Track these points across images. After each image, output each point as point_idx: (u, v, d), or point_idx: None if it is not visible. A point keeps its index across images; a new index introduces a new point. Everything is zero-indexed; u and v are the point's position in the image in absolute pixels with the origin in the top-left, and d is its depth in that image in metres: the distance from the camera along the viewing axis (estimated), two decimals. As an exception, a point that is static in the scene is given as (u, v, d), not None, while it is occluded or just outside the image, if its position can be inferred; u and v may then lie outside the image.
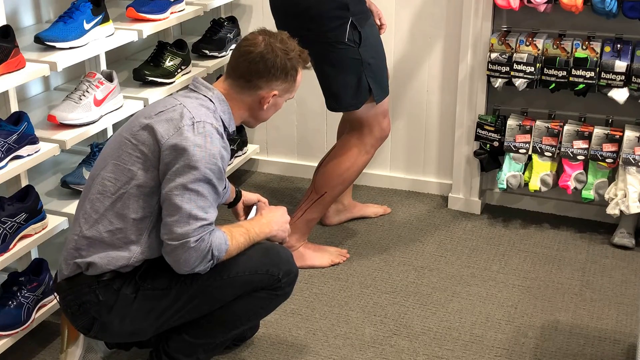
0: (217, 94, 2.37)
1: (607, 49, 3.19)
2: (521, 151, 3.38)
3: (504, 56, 3.30)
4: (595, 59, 3.19)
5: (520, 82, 3.30)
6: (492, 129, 3.43)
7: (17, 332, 2.55)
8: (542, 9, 3.20)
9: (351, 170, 3.15)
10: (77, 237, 2.30)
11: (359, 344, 2.76)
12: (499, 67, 3.31)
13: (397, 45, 3.66)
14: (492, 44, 3.33)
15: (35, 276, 2.64)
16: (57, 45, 2.70)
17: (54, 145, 2.65)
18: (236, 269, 2.35)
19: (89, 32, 2.79)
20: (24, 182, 2.67)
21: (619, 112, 3.31)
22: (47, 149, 2.63)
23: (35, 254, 2.76)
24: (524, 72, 3.27)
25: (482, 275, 3.16)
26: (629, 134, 3.21)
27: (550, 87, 3.29)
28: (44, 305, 2.67)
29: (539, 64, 3.26)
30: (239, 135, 3.82)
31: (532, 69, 3.25)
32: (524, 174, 3.43)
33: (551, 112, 3.42)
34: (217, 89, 2.38)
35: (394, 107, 3.64)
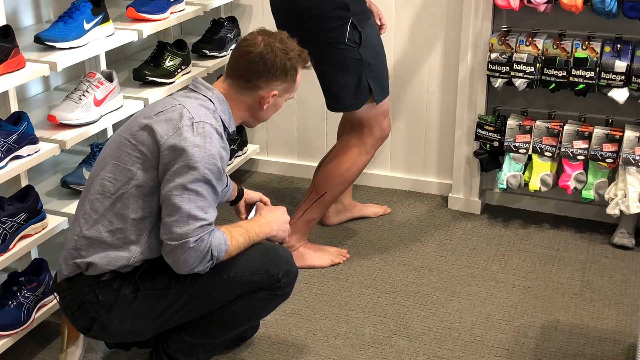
0: (217, 94, 2.37)
1: (607, 49, 3.19)
2: (521, 151, 3.38)
3: (504, 56, 3.30)
4: (595, 59, 3.19)
5: (520, 82, 3.30)
6: (492, 129, 3.42)
7: (17, 332, 2.55)
8: (542, 9, 3.20)
9: (351, 170, 3.15)
10: (77, 238, 2.31)
11: (359, 344, 2.76)
12: (499, 67, 3.31)
13: (397, 45, 3.66)
14: (492, 44, 3.33)
15: (35, 276, 2.64)
16: (57, 45, 2.70)
17: (54, 145, 2.65)
18: (236, 269, 2.35)
19: (89, 32, 2.79)
20: (24, 182, 2.67)
21: (619, 112, 3.31)
22: (47, 149, 2.63)
23: (35, 254, 2.75)
24: (524, 72, 3.27)
25: (482, 275, 3.16)
26: (629, 134, 3.21)
27: (550, 87, 3.29)
28: (44, 305, 2.67)
29: (539, 64, 3.26)
30: (239, 135, 3.82)
31: (532, 69, 3.25)
32: (524, 174, 3.43)
33: (551, 112, 3.42)
34: (217, 89, 2.38)
35: (394, 107, 3.64)
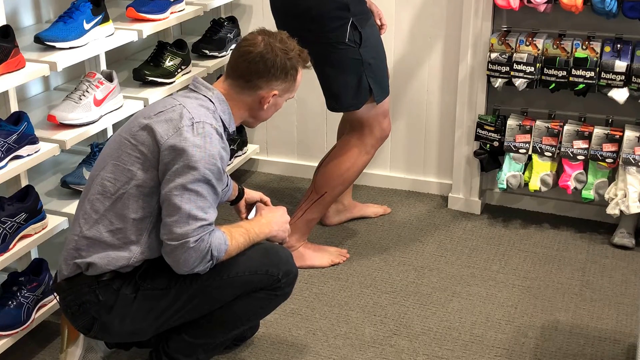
0: (217, 94, 2.37)
1: (607, 49, 3.19)
2: (521, 151, 3.38)
3: (504, 56, 3.30)
4: (595, 59, 3.19)
5: (520, 82, 3.30)
6: (492, 129, 3.42)
7: (17, 332, 2.55)
8: (542, 9, 3.20)
9: (351, 170, 3.15)
10: (77, 238, 2.30)
11: (359, 344, 2.76)
12: (499, 67, 3.31)
13: (397, 45, 3.66)
14: (492, 44, 3.33)
15: (35, 276, 2.64)
16: (57, 45, 2.69)
17: (54, 145, 2.65)
18: (236, 269, 2.35)
19: (88, 32, 2.79)
20: (24, 182, 2.67)
21: (619, 112, 3.31)
22: (47, 149, 2.63)
23: (35, 254, 2.75)
24: (524, 72, 3.27)
25: (482, 275, 3.16)
26: (629, 134, 3.21)
27: (550, 87, 3.29)
28: (44, 305, 2.67)
29: (539, 64, 3.26)
30: (239, 135, 3.82)
31: (532, 69, 3.25)
32: (524, 174, 3.43)
33: (551, 112, 3.42)
34: (217, 89, 2.38)
35: (394, 107, 3.63)
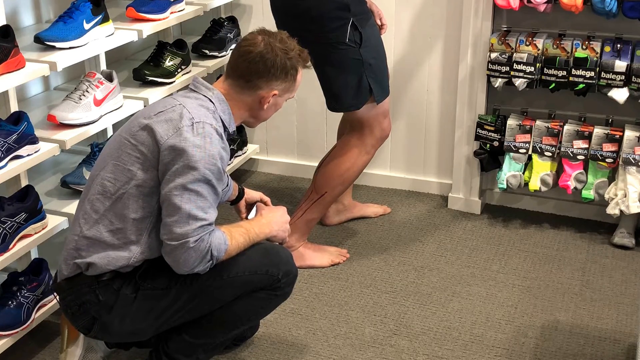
0: (217, 94, 2.37)
1: (607, 48, 3.19)
2: (521, 151, 3.38)
3: (504, 56, 3.30)
4: (595, 58, 3.19)
5: (520, 82, 3.30)
6: (492, 128, 3.42)
7: (17, 332, 2.55)
8: (542, 8, 3.20)
9: (351, 170, 3.15)
10: (77, 238, 2.30)
11: (359, 343, 2.76)
12: (499, 67, 3.31)
13: (397, 45, 3.66)
14: (492, 44, 3.33)
15: (35, 276, 2.64)
16: (57, 45, 2.69)
17: (53, 145, 2.65)
18: (236, 269, 2.35)
19: (88, 32, 2.79)
20: (24, 182, 2.67)
21: (619, 112, 3.31)
22: (47, 148, 2.63)
23: (35, 254, 2.75)
24: (524, 72, 3.27)
25: (482, 275, 3.16)
26: (629, 134, 3.21)
27: (550, 87, 3.29)
28: (44, 305, 2.67)
29: (539, 64, 3.26)
30: (239, 135, 3.82)
31: (532, 69, 3.25)
32: (524, 173, 3.43)
33: (551, 112, 3.42)
34: (217, 89, 2.38)
35: (394, 107, 3.63)
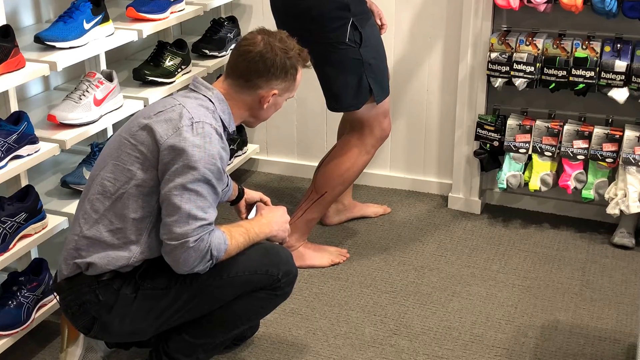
0: (217, 93, 2.37)
1: (607, 48, 3.19)
2: (521, 151, 3.38)
3: (504, 56, 3.30)
4: (595, 58, 3.19)
5: (520, 82, 3.30)
6: (492, 128, 3.42)
7: (17, 332, 2.55)
8: (542, 8, 3.20)
9: (351, 170, 3.15)
10: (77, 237, 2.30)
11: (359, 343, 2.76)
12: (499, 67, 3.31)
13: (397, 45, 3.66)
14: (492, 44, 3.33)
15: (35, 276, 2.64)
16: (57, 45, 2.69)
17: (54, 145, 2.65)
18: (236, 269, 2.35)
19: (88, 32, 2.79)
20: (24, 182, 2.67)
21: (619, 111, 3.31)
22: (47, 148, 2.63)
23: (35, 254, 2.75)
24: (524, 71, 3.27)
25: (482, 275, 3.16)
26: (629, 134, 3.21)
27: (550, 87, 3.29)
28: (44, 305, 2.67)
29: (539, 64, 3.26)
30: (239, 135, 3.82)
31: (532, 69, 3.25)
32: (524, 173, 3.43)
33: (551, 112, 3.42)
34: (216, 88, 2.38)
35: (394, 107, 3.63)
